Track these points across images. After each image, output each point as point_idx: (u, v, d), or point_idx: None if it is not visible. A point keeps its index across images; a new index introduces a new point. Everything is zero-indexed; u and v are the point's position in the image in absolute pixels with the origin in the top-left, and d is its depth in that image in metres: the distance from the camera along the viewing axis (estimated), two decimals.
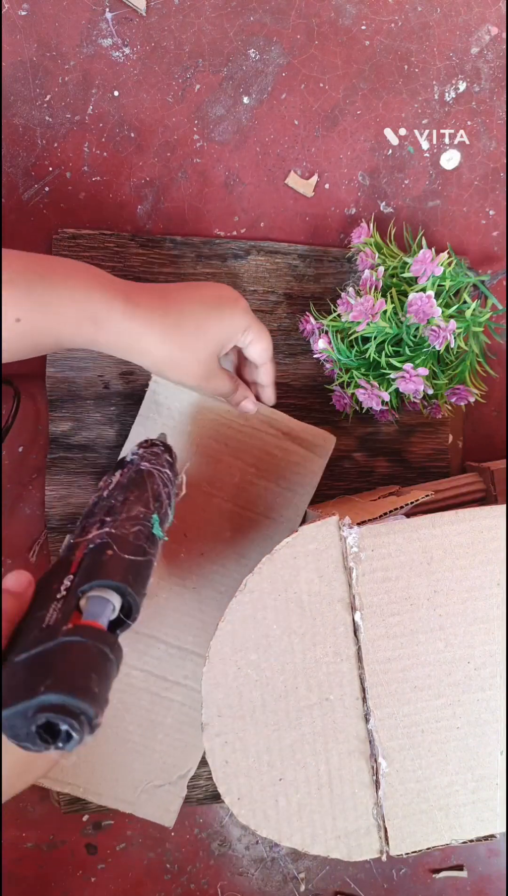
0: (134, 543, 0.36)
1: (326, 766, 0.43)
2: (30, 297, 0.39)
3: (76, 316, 0.41)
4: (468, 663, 0.44)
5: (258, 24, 0.55)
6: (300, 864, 0.60)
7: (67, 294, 0.40)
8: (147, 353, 0.44)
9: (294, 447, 0.55)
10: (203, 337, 0.45)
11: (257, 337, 0.48)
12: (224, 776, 0.43)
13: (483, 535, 0.44)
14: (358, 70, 0.57)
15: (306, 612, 0.43)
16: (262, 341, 0.49)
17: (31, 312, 0.40)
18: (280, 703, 0.43)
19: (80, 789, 0.53)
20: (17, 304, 0.39)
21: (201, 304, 0.45)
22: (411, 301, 0.50)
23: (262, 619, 0.43)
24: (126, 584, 0.34)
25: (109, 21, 0.53)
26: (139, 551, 0.35)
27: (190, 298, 0.46)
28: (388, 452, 0.60)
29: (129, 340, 0.43)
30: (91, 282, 0.42)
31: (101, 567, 0.34)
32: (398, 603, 0.43)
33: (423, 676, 0.44)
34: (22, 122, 0.53)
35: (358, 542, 0.43)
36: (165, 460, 0.42)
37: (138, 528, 0.36)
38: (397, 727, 0.44)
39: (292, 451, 0.55)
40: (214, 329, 0.45)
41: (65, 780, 0.53)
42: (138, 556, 0.35)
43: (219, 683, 0.42)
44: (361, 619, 0.43)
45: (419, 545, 0.43)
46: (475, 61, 0.58)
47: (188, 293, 0.46)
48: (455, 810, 0.44)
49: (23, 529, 0.55)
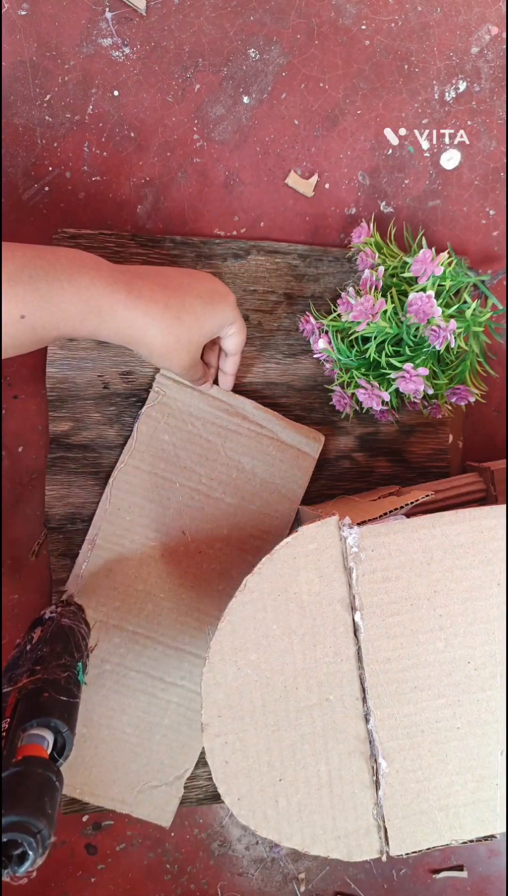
0: (66, 687, 0.41)
1: (326, 767, 0.43)
2: (34, 293, 0.39)
3: (80, 310, 0.41)
4: (468, 663, 0.44)
5: (258, 24, 0.55)
6: (300, 865, 0.60)
7: (70, 289, 0.41)
8: (146, 344, 0.45)
9: (288, 445, 0.56)
10: (198, 330, 0.47)
11: (238, 331, 0.50)
12: (224, 776, 0.42)
13: (483, 535, 0.44)
14: (358, 70, 0.57)
15: (306, 613, 0.43)
16: (241, 335, 0.51)
17: (34, 308, 0.40)
18: (280, 704, 0.43)
19: (76, 790, 0.53)
20: (20, 300, 0.39)
21: (199, 299, 0.47)
22: (411, 301, 0.50)
23: (262, 619, 0.43)
24: (63, 721, 0.39)
25: (109, 21, 0.53)
26: (71, 694, 0.41)
27: (189, 291, 0.46)
28: (388, 452, 0.60)
29: (130, 331, 0.44)
30: (94, 273, 0.42)
31: (40, 707, 0.39)
32: (399, 603, 0.43)
33: (423, 677, 0.44)
34: (22, 122, 0.53)
35: (358, 543, 0.43)
36: (81, 618, 0.48)
37: (68, 674, 0.42)
38: (397, 727, 0.44)
39: (286, 449, 0.56)
40: (208, 323, 0.47)
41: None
42: (71, 697, 0.41)
43: (219, 684, 0.42)
44: (361, 620, 0.43)
45: (419, 545, 0.43)
46: (475, 61, 0.58)
47: (187, 285, 0.47)
48: (455, 811, 0.44)
49: (23, 529, 0.55)
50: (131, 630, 0.54)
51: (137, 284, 0.44)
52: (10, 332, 0.40)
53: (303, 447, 0.56)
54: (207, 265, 0.56)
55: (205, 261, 0.56)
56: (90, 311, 0.42)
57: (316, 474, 0.58)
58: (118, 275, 0.43)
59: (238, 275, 0.56)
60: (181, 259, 0.55)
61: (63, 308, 0.40)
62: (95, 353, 0.54)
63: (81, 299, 0.41)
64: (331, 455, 0.59)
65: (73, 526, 0.55)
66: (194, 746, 0.55)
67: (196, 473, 0.55)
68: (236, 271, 0.56)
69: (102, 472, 0.55)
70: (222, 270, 0.56)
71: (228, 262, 0.56)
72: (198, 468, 0.55)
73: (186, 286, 0.47)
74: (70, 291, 0.41)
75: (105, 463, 0.55)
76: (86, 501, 0.55)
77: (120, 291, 0.43)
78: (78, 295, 0.41)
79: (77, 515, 0.55)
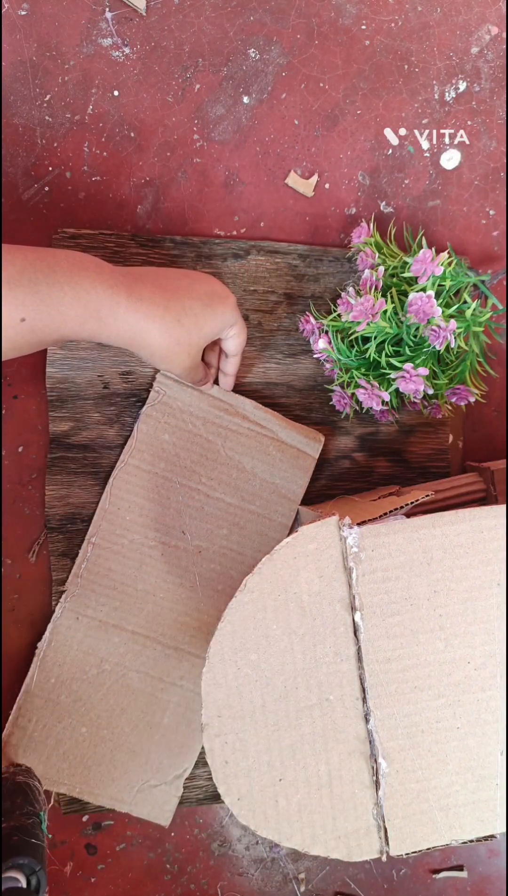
0: (33, 832, 0.45)
1: (326, 767, 0.43)
2: (34, 297, 0.39)
3: (80, 313, 0.41)
4: (468, 663, 0.44)
5: (258, 24, 0.55)
6: (300, 865, 0.60)
7: (71, 292, 0.41)
8: (147, 347, 0.45)
9: (288, 445, 0.56)
10: (198, 333, 0.47)
11: (238, 332, 0.50)
12: (224, 776, 0.42)
13: (482, 535, 0.44)
14: (358, 70, 0.57)
15: (307, 613, 0.43)
16: (241, 336, 0.51)
17: (35, 312, 0.40)
18: (280, 704, 0.43)
19: (76, 789, 0.53)
20: (21, 304, 0.39)
21: (199, 301, 0.47)
22: (411, 301, 0.50)
23: (262, 619, 0.42)
24: (36, 860, 0.42)
25: (109, 21, 0.53)
26: (39, 838, 0.45)
27: (189, 293, 0.47)
28: (388, 452, 0.60)
29: (130, 334, 0.44)
30: (94, 276, 0.42)
31: (11, 848, 0.42)
32: (398, 603, 0.43)
33: (423, 676, 0.44)
34: (22, 122, 0.53)
35: (358, 543, 0.43)
36: (33, 775, 0.51)
37: (32, 820, 0.46)
38: (397, 727, 0.44)
39: (286, 449, 0.56)
40: (208, 326, 0.47)
41: (61, 780, 0.53)
42: (39, 841, 0.44)
43: (219, 684, 0.42)
44: (361, 620, 0.43)
45: (419, 545, 0.43)
46: (475, 61, 0.58)
47: (187, 287, 0.47)
48: (455, 811, 0.44)
49: (23, 529, 0.55)
50: (131, 630, 0.54)
51: (138, 287, 0.44)
52: (10, 336, 0.40)
53: (303, 447, 0.56)
54: (207, 265, 0.56)
55: (205, 261, 0.56)
56: (90, 314, 0.42)
57: (316, 474, 0.58)
58: (119, 277, 0.43)
59: (238, 275, 0.56)
60: (181, 259, 0.55)
61: (63, 311, 0.40)
62: (95, 354, 0.54)
63: (81, 303, 0.41)
64: (331, 455, 0.59)
65: (73, 526, 0.55)
66: (193, 746, 0.55)
67: (196, 473, 0.55)
68: (236, 271, 0.56)
69: (102, 472, 0.55)
70: (222, 270, 0.56)
71: (228, 262, 0.56)
72: (198, 468, 0.55)
73: (186, 288, 0.47)
74: (70, 295, 0.41)
75: (105, 463, 0.55)
76: (86, 501, 0.55)
77: (120, 294, 0.43)
78: (78, 299, 0.41)
79: (77, 515, 0.55)
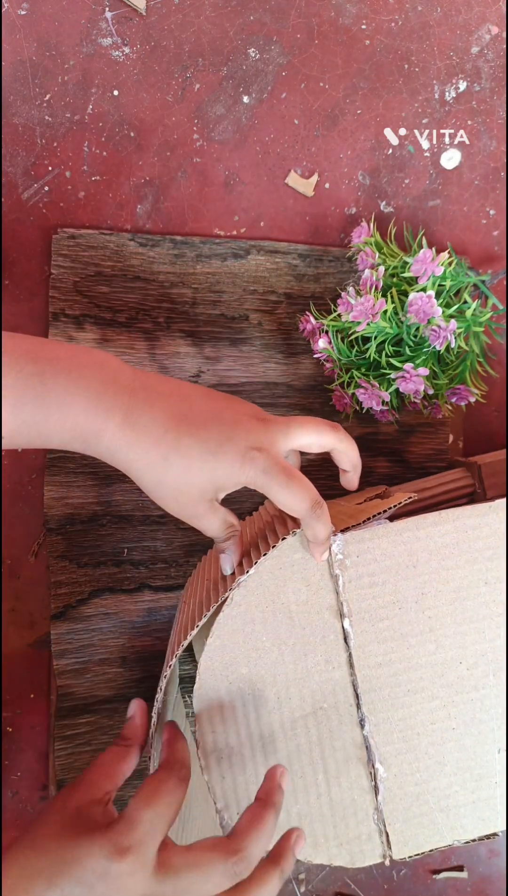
0: None
1: (324, 775, 0.43)
2: (16, 419, 0.37)
3: (64, 438, 0.38)
4: (460, 664, 0.44)
5: (258, 24, 0.55)
6: (300, 865, 0.60)
7: (57, 416, 0.37)
8: (136, 480, 0.40)
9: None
10: (188, 480, 0.39)
11: (281, 487, 0.40)
12: (222, 792, 0.42)
13: (467, 534, 0.43)
14: (358, 69, 0.57)
15: (295, 622, 0.42)
16: (288, 489, 0.40)
17: (13, 430, 0.37)
18: (274, 715, 0.42)
19: None
20: (4, 424, 0.37)
21: (203, 444, 0.39)
22: (411, 301, 0.50)
23: (251, 631, 0.42)
24: None
25: (109, 20, 0.53)
26: None
27: (198, 428, 0.39)
28: (388, 452, 0.60)
29: (115, 461, 0.39)
30: (93, 395, 0.38)
31: None
32: (387, 607, 0.43)
33: (416, 679, 0.44)
34: (22, 122, 0.53)
35: (343, 549, 0.42)
36: None
37: None
38: (392, 731, 0.43)
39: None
40: (199, 477, 0.39)
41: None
42: None
43: (211, 699, 0.42)
44: (350, 626, 0.43)
45: (404, 548, 0.43)
46: (475, 61, 0.58)
47: (203, 421, 0.40)
48: (455, 811, 0.44)
49: (22, 529, 0.55)
50: None
51: (139, 409, 0.38)
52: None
53: None
54: (206, 265, 0.56)
55: (205, 260, 0.56)
56: (74, 438, 0.38)
57: (316, 474, 0.57)
58: (124, 397, 0.38)
59: (238, 275, 0.56)
60: (181, 259, 0.55)
61: (43, 433, 0.38)
62: None
63: (65, 428, 0.37)
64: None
65: (71, 527, 0.55)
66: None
67: None
68: (236, 271, 0.56)
69: (101, 473, 0.55)
70: (222, 270, 0.56)
71: (228, 262, 0.56)
72: None
73: (200, 421, 0.39)
74: (56, 419, 0.37)
75: (104, 464, 0.55)
76: (85, 503, 0.55)
77: (114, 418, 0.38)
78: (63, 423, 0.37)
79: (76, 516, 0.55)
